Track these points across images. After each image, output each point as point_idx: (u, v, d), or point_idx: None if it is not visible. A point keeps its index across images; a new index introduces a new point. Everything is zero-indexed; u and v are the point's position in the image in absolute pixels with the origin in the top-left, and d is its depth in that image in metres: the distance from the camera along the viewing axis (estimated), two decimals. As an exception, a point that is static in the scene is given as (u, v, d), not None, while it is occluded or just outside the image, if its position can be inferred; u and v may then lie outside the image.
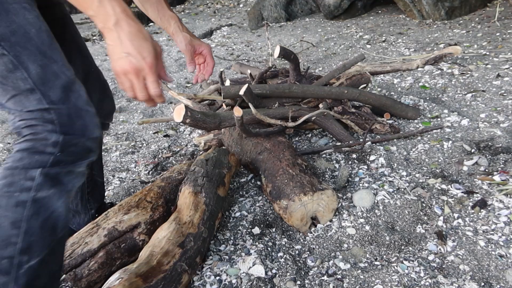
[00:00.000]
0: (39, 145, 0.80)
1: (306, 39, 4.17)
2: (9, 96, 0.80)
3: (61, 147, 0.81)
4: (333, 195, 1.40)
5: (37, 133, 0.80)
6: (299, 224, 1.40)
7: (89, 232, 1.26)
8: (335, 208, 1.43)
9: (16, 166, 0.80)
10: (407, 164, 1.73)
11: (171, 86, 3.27)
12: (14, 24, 0.76)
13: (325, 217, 1.42)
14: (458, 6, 4.05)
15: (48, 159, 0.80)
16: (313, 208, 1.39)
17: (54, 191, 0.82)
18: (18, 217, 0.78)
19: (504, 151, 1.69)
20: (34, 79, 0.78)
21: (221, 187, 1.48)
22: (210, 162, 1.53)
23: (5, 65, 0.77)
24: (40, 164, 0.80)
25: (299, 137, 2.10)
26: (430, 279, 1.17)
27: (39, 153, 0.80)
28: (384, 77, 2.84)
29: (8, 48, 0.76)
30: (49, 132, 0.80)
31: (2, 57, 0.77)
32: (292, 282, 1.21)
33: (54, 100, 0.80)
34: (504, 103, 2.14)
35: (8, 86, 0.79)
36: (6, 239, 0.77)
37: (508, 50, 2.93)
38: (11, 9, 0.76)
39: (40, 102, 0.79)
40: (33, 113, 0.79)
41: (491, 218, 1.37)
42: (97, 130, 0.86)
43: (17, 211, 0.78)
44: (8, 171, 0.80)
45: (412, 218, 1.42)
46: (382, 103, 2.06)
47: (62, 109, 0.80)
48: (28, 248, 0.79)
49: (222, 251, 1.37)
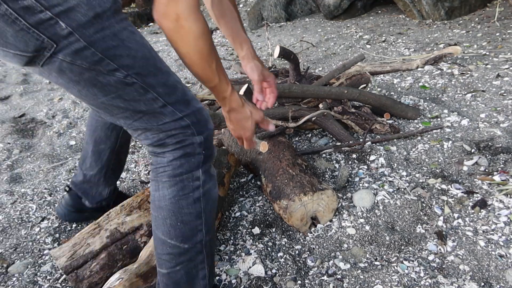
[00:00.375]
0: (190, 149, 0.92)
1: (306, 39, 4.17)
2: (140, 115, 0.88)
3: (204, 145, 0.94)
4: (333, 195, 1.41)
5: (182, 140, 0.91)
6: (299, 224, 1.40)
7: (91, 233, 1.27)
8: (335, 208, 1.44)
9: (180, 172, 0.93)
10: (407, 164, 1.73)
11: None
12: (132, 51, 0.80)
13: (325, 217, 1.43)
14: (458, 6, 4.05)
15: (200, 159, 0.94)
16: (313, 208, 1.39)
17: (212, 182, 0.99)
18: (199, 210, 0.96)
19: (504, 151, 1.70)
20: (163, 96, 0.87)
21: (220, 187, 1.48)
22: None
23: (137, 91, 0.83)
24: (198, 164, 0.94)
25: (299, 137, 2.11)
26: (430, 279, 1.17)
27: (193, 156, 0.93)
28: (384, 77, 2.85)
29: (135, 75, 0.81)
30: (191, 136, 0.92)
31: (133, 85, 0.82)
32: (292, 282, 1.21)
33: (182, 108, 0.90)
34: (504, 103, 2.14)
35: (141, 107, 0.86)
36: (195, 228, 0.97)
37: (508, 50, 2.93)
38: (125, 37, 0.78)
39: (174, 114, 0.89)
40: (171, 124, 0.90)
41: (491, 218, 1.37)
42: (210, 118, 0.98)
43: (196, 206, 0.95)
44: (176, 178, 0.93)
45: (412, 218, 1.42)
46: (382, 103, 2.06)
47: (190, 114, 0.91)
48: (208, 230, 0.99)
49: (222, 251, 1.38)
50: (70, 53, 0.73)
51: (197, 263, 0.99)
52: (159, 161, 0.94)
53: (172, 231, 0.95)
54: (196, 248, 0.98)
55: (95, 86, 0.80)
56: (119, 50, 0.77)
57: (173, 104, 0.88)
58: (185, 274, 0.98)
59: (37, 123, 2.74)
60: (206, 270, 1.01)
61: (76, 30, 0.71)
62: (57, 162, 2.17)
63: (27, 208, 1.76)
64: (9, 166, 2.17)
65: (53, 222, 1.65)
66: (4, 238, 1.57)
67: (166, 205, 0.94)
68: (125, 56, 0.79)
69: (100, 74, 0.77)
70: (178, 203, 0.94)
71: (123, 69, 0.79)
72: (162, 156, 0.94)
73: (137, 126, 0.90)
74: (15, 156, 2.28)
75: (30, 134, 2.61)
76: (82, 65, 0.75)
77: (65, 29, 0.70)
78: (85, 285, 1.19)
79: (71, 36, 0.71)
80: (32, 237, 1.57)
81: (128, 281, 1.08)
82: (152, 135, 0.91)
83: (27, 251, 1.49)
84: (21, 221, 1.67)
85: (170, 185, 0.93)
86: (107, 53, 0.76)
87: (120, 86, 0.81)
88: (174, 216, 0.94)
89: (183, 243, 0.96)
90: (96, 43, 0.74)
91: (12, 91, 3.44)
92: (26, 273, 1.38)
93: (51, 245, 1.52)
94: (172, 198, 0.94)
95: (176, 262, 0.97)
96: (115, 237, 1.26)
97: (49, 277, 1.35)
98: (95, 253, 1.22)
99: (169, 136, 0.91)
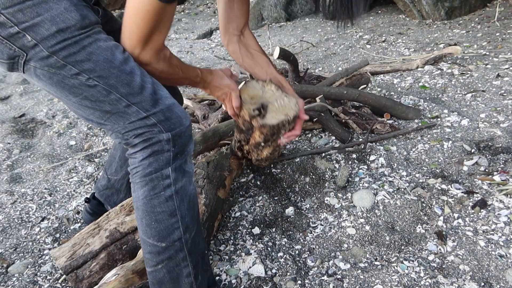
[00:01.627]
0: (157, 147, 0.94)
1: (306, 39, 4.17)
2: (108, 116, 0.93)
3: (173, 142, 0.95)
4: (295, 105, 1.23)
5: (149, 139, 0.94)
6: (247, 99, 1.23)
7: (91, 233, 1.27)
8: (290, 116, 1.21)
9: (149, 171, 0.95)
10: (407, 164, 1.73)
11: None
12: (93, 55, 0.87)
13: (273, 114, 1.22)
14: (458, 6, 4.05)
15: (170, 156, 0.95)
16: (270, 99, 1.24)
17: (186, 179, 0.99)
18: (172, 208, 0.97)
19: (504, 151, 1.69)
20: (126, 97, 0.91)
21: (221, 189, 1.48)
22: (211, 164, 1.54)
23: (100, 93, 0.90)
24: (167, 162, 0.95)
25: (299, 137, 2.11)
26: (430, 279, 1.17)
27: (161, 153, 0.94)
28: (384, 77, 2.85)
29: (97, 78, 0.88)
30: (158, 134, 0.93)
31: (95, 87, 0.89)
32: (292, 282, 1.21)
33: (148, 107, 0.93)
34: (504, 103, 2.14)
35: (106, 108, 0.92)
36: (171, 226, 0.97)
37: (508, 50, 2.93)
38: (86, 44, 0.87)
39: (138, 113, 0.92)
40: (136, 123, 0.93)
41: (491, 218, 1.37)
42: (187, 115, 0.99)
43: (169, 205, 0.96)
44: (146, 178, 0.95)
45: (412, 218, 1.42)
46: (382, 104, 2.06)
47: (157, 112, 0.93)
48: (186, 227, 1.00)
49: (222, 251, 1.38)
50: (38, 60, 0.85)
51: (179, 261, 1.00)
52: (132, 162, 0.97)
53: (148, 231, 0.97)
54: (175, 247, 0.98)
55: (64, 88, 0.90)
56: (80, 56, 0.86)
57: (137, 103, 0.92)
58: (167, 272, 1.00)
59: (37, 123, 2.74)
60: (190, 267, 1.01)
61: (40, 42, 0.83)
62: (57, 162, 2.17)
63: (27, 208, 1.76)
64: (9, 166, 2.17)
65: (53, 222, 1.65)
66: (4, 238, 1.57)
67: (140, 206, 0.97)
68: (86, 61, 0.87)
69: (65, 77, 0.88)
70: (150, 203, 0.96)
71: (85, 73, 0.87)
72: (134, 157, 0.97)
73: (107, 126, 0.95)
74: (15, 156, 2.28)
75: (30, 134, 2.61)
76: (50, 70, 0.87)
77: (31, 41, 0.83)
78: (85, 285, 1.19)
79: (36, 47, 0.84)
80: (32, 237, 1.57)
81: (124, 277, 1.09)
82: (121, 134, 0.95)
83: (27, 251, 1.49)
84: (21, 221, 1.67)
85: (141, 186, 0.96)
86: (68, 60, 0.86)
87: (84, 88, 0.89)
88: (148, 216, 0.97)
89: (160, 242, 0.97)
90: (58, 52, 0.85)
91: (12, 91, 3.44)
92: (26, 273, 1.38)
93: (51, 245, 1.52)
94: (144, 198, 0.96)
95: (156, 261, 0.99)
96: (115, 237, 1.26)
97: (49, 277, 1.35)
98: (94, 253, 1.22)
99: (136, 135, 0.94)
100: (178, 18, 6.23)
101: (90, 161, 2.14)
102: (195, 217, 1.03)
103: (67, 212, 1.71)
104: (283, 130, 1.24)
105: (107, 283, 1.08)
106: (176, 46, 4.63)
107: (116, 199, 1.51)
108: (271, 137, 1.26)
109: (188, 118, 0.99)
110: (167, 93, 0.97)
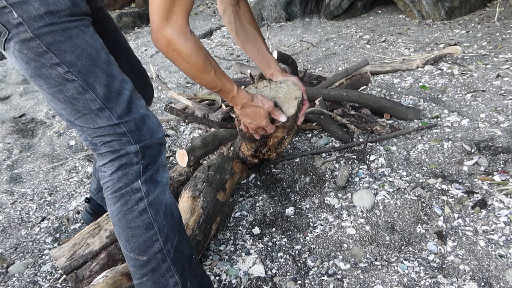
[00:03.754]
0: (125, 160, 0.90)
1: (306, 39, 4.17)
2: (79, 115, 0.89)
3: (142, 153, 0.91)
4: (293, 85, 1.32)
5: (116, 150, 0.90)
6: None
7: (91, 233, 1.27)
8: (298, 96, 1.31)
9: (119, 187, 0.91)
10: (407, 164, 1.73)
11: (171, 86, 3.27)
12: (78, 49, 0.83)
13: (287, 104, 1.30)
14: (458, 6, 4.05)
15: (139, 168, 0.92)
16: (272, 94, 1.32)
17: (159, 189, 0.95)
18: (147, 221, 0.93)
19: (504, 151, 1.69)
20: (102, 99, 0.87)
21: (221, 192, 1.47)
22: (212, 168, 1.54)
23: (76, 89, 0.85)
24: (137, 175, 0.92)
25: (299, 137, 2.11)
26: (430, 279, 1.17)
27: (130, 166, 0.91)
28: (384, 77, 2.85)
29: (76, 73, 0.84)
30: (126, 144, 0.90)
31: (73, 82, 0.84)
32: (292, 282, 1.21)
33: (121, 115, 0.89)
34: (504, 103, 2.14)
35: (79, 106, 0.87)
36: (149, 239, 0.94)
37: (508, 50, 2.93)
38: (73, 35, 0.83)
39: (110, 119, 0.88)
40: (105, 129, 0.89)
41: (491, 218, 1.37)
42: (160, 127, 0.96)
43: (143, 218, 0.93)
44: (116, 193, 0.92)
45: (412, 218, 1.42)
46: (382, 105, 2.05)
47: (129, 121, 0.90)
48: (166, 237, 0.96)
49: (222, 251, 1.38)
50: (19, 41, 0.80)
51: (163, 272, 0.97)
52: (102, 176, 0.94)
53: (128, 245, 0.95)
54: (157, 259, 0.96)
55: (40, 77, 0.85)
56: (64, 46, 0.82)
57: (111, 108, 0.88)
58: (153, 284, 0.97)
59: (37, 123, 2.74)
60: (176, 277, 0.98)
61: (26, 21, 0.78)
62: (57, 162, 2.17)
63: (27, 208, 1.76)
64: (9, 166, 2.17)
65: (53, 222, 1.65)
66: (4, 238, 1.57)
67: (116, 221, 0.95)
68: (69, 52, 0.82)
69: (43, 66, 0.83)
70: (124, 218, 0.93)
71: (65, 64, 0.83)
72: (103, 171, 0.94)
73: (77, 125, 0.91)
74: (15, 156, 2.28)
75: (30, 134, 2.61)
76: (28, 55, 0.82)
77: (17, 18, 0.78)
78: (85, 285, 1.19)
79: (20, 26, 0.78)
80: (32, 237, 1.57)
81: (111, 279, 1.10)
82: (90, 137, 0.92)
83: (27, 251, 1.49)
84: (21, 221, 1.67)
85: (114, 202, 0.93)
86: (51, 47, 0.81)
87: (61, 81, 0.85)
88: (125, 232, 0.94)
89: (141, 256, 0.95)
90: (42, 36, 0.80)
91: (12, 91, 3.44)
92: (26, 273, 1.38)
93: (51, 245, 1.52)
94: (118, 214, 0.93)
95: (141, 274, 0.97)
96: (115, 237, 1.26)
97: (49, 277, 1.35)
98: (95, 253, 1.22)
99: (103, 142, 0.90)
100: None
101: (90, 161, 2.14)
102: (175, 225, 0.99)
103: (67, 212, 1.71)
104: (299, 111, 1.31)
105: (94, 285, 1.08)
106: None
107: None
108: (292, 125, 1.34)
109: (161, 131, 0.96)
110: (143, 104, 0.94)
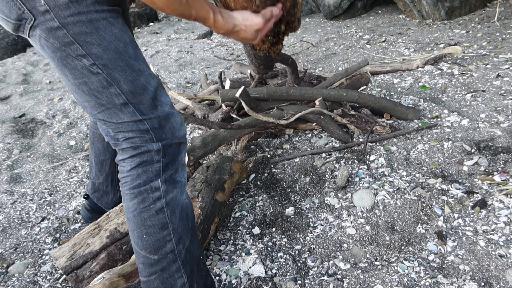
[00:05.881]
0: (147, 158, 0.89)
1: (306, 39, 4.17)
2: (102, 109, 0.87)
3: (163, 152, 0.90)
4: None
5: (138, 146, 0.89)
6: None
7: (91, 233, 1.27)
8: None
9: (138, 183, 0.90)
10: (407, 164, 1.73)
11: (171, 86, 3.27)
12: (105, 41, 0.81)
13: None
14: (458, 6, 4.05)
15: (159, 167, 0.91)
16: None
17: (177, 190, 0.95)
18: (163, 221, 0.93)
19: (504, 151, 1.70)
20: (126, 94, 0.85)
21: (219, 192, 1.47)
22: (210, 168, 1.54)
23: (100, 83, 0.84)
24: (157, 174, 0.91)
25: (299, 137, 2.11)
26: (430, 279, 1.17)
27: (151, 164, 0.90)
28: (384, 77, 2.85)
29: (102, 66, 0.82)
30: (148, 142, 0.88)
31: (97, 75, 0.83)
32: (292, 282, 1.21)
33: (145, 111, 0.87)
34: (504, 103, 2.14)
35: (102, 100, 0.86)
36: (163, 239, 0.94)
37: (508, 50, 2.93)
38: (101, 27, 0.81)
39: (133, 115, 0.87)
40: (128, 124, 0.87)
41: (491, 218, 1.37)
42: (182, 126, 0.95)
43: (159, 217, 0.92)
44: (134, 190, 0.91)
45: (412, 218, 1.42)
46: (382, 106, 2.05)
47: (153, 118, 0.88)
48: (179, 238, 0.96)
49: (222, 251, 1.38)
50: (45, 29, 0.79)
51: (172, 273, 0.97)
52: (121, 170, 0.93)
53: (140, 243, 0.94)
54: (168, 259, 0.95)
55: (66, 67, 0.84)
56: (91, 38, 0.80)
57: (135, 104, 0.86)
58: (161, 283, 0.97)
59: (37, 123, 2.74)
60: (184, 278, 0.98)
61: (52, 9, 0.76)
62: (57, 162, 2.17)
63: (27, 208, 1.76)
64: (9, 166, 2.17)
65: (53, 222, 1.65)
66: (4, 238, 1.57)
67: (131, 217, 0.93)
68: (96, 44, 0.81)
69: (69, 56, 0.81)
70: (140, 216, 0.92)
71: (91, 56, 0.81)
72: (122, 166, 0.92)
73: (100, 119, 0.90)
74: (15, 156, 2.28)
75: (30, 134, 2.61)
76: (55, 44, 0.80)
77: (44, 5, 0.76)
78: (85, 285, 1.19)
79: (47, 13, 0.77)
80: (32, 237, 1.57)
81: (108, 280, 1.09)
82: (111, 132, 0.90)
83: (27, 251, 1.49)
84: (21, 221, 1.67)
85: (131, 198, 0.92)
86: (78, 38, 0.79)
87: (86, 73, 0.83)
88: (139, 229, 0.93)
89: (152, 255, 0.94)
90: (69, 26, 0.78)
91: (12, 91, 3.44)
92: (26, 273, 1.38)
93: (51, 245, 1.52)
94: (134, 211, 0.92)
95: (149, 272, 0.96)
96: (115, 237, 1.26)
97: (49, 277, 1.35)
98: (95, 253, 1.22)
99: (125, 138, 0.89)
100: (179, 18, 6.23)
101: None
102: (188, 226, 0.99)
103: (67, 212, 1.71)
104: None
105: (91, 286, 1.08)
106: (176, 46, 4.63)
107: (106, 199, 1.51)
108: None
109: (183, 130, 0.95)
110: (168, 101, 0.93)
